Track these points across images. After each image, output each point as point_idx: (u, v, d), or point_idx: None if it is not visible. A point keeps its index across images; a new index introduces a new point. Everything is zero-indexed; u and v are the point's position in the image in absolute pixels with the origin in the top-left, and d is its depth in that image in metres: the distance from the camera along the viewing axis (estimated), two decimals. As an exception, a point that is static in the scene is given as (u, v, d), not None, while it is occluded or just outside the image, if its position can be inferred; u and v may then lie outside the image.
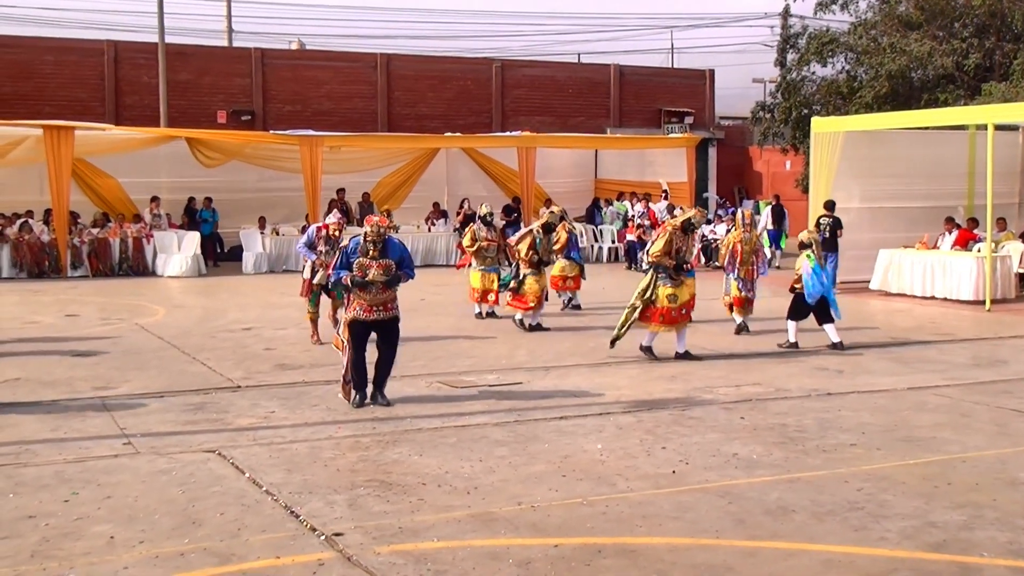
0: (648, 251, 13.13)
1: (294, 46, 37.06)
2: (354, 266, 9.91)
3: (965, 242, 19.81)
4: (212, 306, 18.55)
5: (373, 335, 10.24)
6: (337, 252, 10.44)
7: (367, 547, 6.27)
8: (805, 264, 13.63)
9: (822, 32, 30.76)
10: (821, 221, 19.99)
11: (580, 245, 19.07)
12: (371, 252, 9.89)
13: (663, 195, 28.36)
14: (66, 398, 10.51)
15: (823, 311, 13.69)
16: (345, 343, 10.11)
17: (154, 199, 25.55)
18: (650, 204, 27.72)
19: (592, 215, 29.75)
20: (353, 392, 10.13)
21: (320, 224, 14.06)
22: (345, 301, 10.33)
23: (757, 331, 14.76)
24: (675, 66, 50.92)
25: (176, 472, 7.86)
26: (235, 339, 14.47)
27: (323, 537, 6.45)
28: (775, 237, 27.01)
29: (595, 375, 11.91)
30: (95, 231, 24.14)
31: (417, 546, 6.30)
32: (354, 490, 7.41)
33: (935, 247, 20.14)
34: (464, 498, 7.25)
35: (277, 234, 25.58)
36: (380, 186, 28.88)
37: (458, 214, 27.50)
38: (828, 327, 13.69)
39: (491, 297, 16.18)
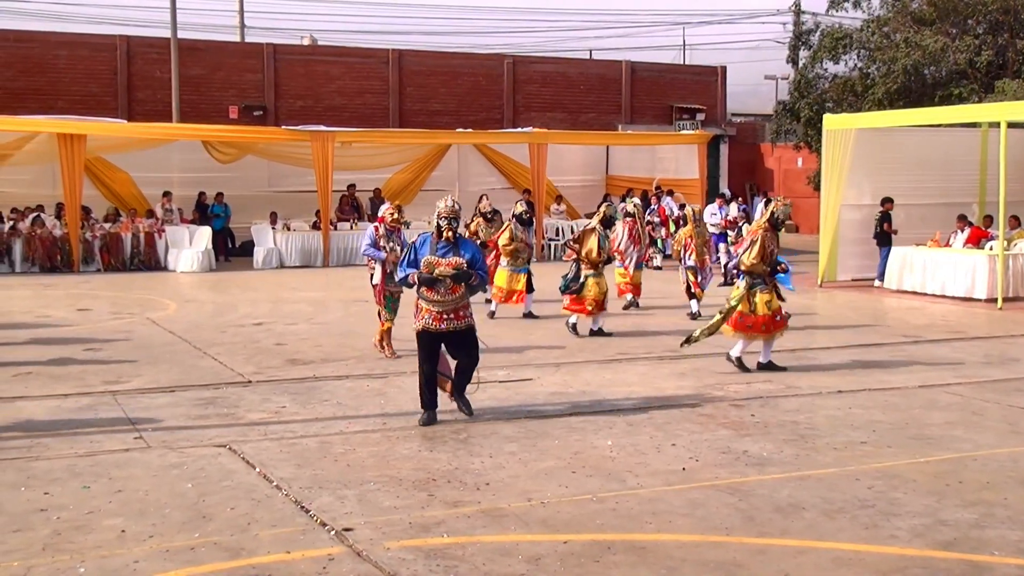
0: (740, 259, 12.00)
1: (306, 42, 37.07)
2: (422, 263, 9.14)
3: (977, 240, 19.74)
4: (223, 301, 18.60)
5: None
6: (406, 249, 9.51)
7: (377, 542, 6.28)
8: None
9: (835, 29, 30.68)
10: (876, 216, 20.73)
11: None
12: (445, 234, 9.13)
13: (656, 190, 28.34)
14: (78, 392, 10.55)
15: None
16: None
17: (166, 194, 25.63)
18: (661, 200, 27.69)
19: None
20: (425, 413, 9.31)
21: (376, 222, 13.07)
22: (415, 309, 9.37)
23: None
24: (687, 63, 50.85)
25: (187, 466, 7.88)
26: (246, 334, 14.50)
27: (333, 532, 6.46)
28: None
29: (605, 371, 11.90)
30: (107, 226, 24.22)
31: (427, 541, 6.31)
32: (364, 485, 7.42)
33: (947, 245, 20.08)
34: (474, 494, 7.26)
35: (288, 229, 25.62)
36: (391, 182, 28.87)
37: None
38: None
39: (514, 298, 15.99)
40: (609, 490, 7.34)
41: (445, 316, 9.19)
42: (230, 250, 26.55)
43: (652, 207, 27.17)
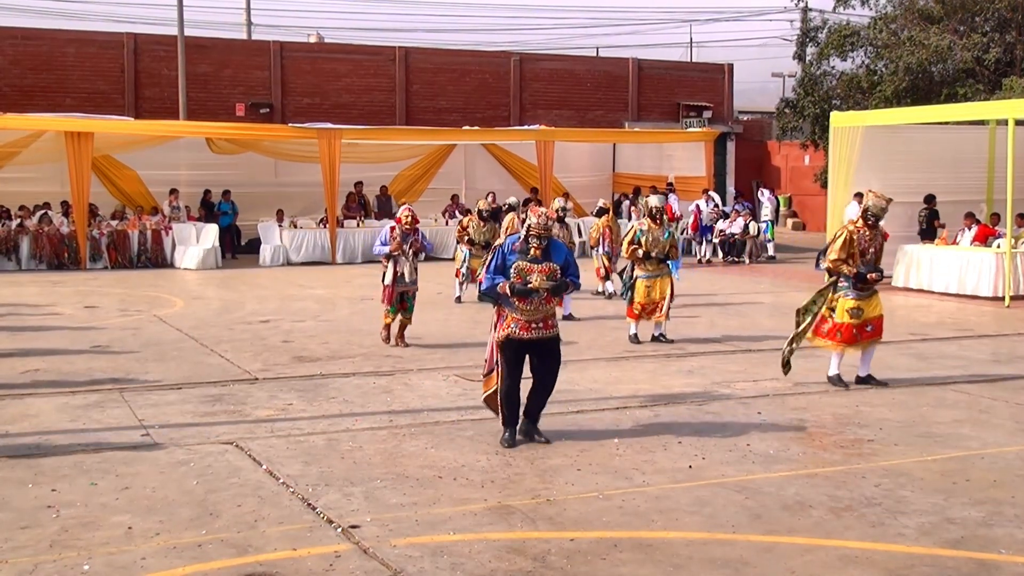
0: (826, 256, 11.04)
1: (312, 39, 37.06)
2: (512, 270, 8.36)
3: (985, 238, 19.71)
4: (230, 298, 18.62)
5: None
6: (491, 252, 8.68)
7: (384, 539, 6.28)
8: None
9: (842, 26, 30.66)
10: (920, 213, 20.95)
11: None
12: (533, 251, 8.39)
13: (668, 188, 28.29)
14: (85, 389, 10.56)
15: None
16: (497, 372, 8.58)
17: (173, 191, 25.67)
18: (668, 198, 27.64)
19: (616, 208, 29.61)
20: (503, 429, 8.55)
21: (391, 224, 13.26)
22: (495, 317, 8.65)
23: (772, 327, 14.73)
24: (695, 60, 50.78)
25: (194, 463, 7.89)
26: (253, 331, 14.51)
27: (340, 529, 6.46)
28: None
29: (613, 369, 11.90)
30: (114, 223, 24.26)
31: (433, 539, 6.31)
32: (371, 483, 7.42)
33: (954, 242, 20.05)
34: (480, 491, 7.26)
35: (295, 227, 25.64)
36: (398, 179, 28.93)
37: None
38: None
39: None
40: (616, 487, 7.34)
41: (534, 325, 8.46)
42: (237, 247, 26.59)
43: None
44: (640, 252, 13.31)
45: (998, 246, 18.94)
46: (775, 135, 36.59)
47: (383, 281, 13.12)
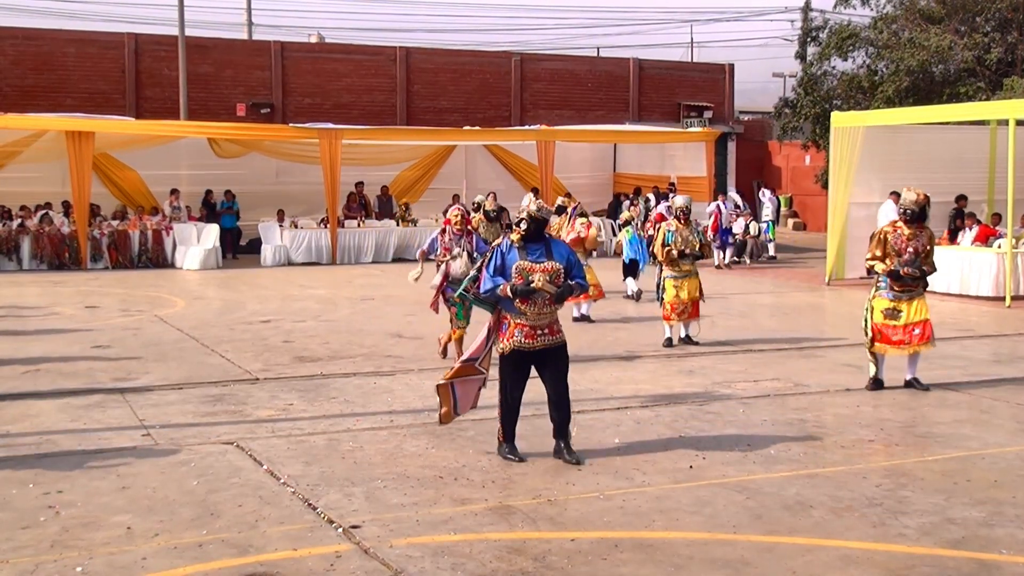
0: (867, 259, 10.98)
1: (313, 39, 37.08)
2: (512, 270, 7.84)
3: (986, 238, 19.70)
4: (231, 298, 18.62)
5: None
6: (488, 252, 8.17)
7: (384, 540, 6.28)
8: (624, 236, 18.26)
9: (843, 26, 30.67)
10: (951, 212, 21.04)
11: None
12: (516, 234, 7.94)
13: (670, 188, 28.25)
14: (86, 389, 10.56)
15: (633, 270, 18.07)
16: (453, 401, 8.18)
17: (174, 191, 25.67)
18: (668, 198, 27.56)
19: (616, 209, 29.62)
20: (503, 444, 8.07)
21: (442, 227, 12.28)
22: (492, 322, 8.14)
23: (773, 327, 14.73)
24: (695, 60, 50.75)
25: (195, 463, 7.89)
26: (254, 331, 14.51)
27: (340, 529, 6.46)
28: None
29: (614, 369, 11.89)
30: (115, 223, 24.27)
31: (434, 539, 6.31)
32: (372, 483, 7.42)
33: (955, 243, 20.04)
34: (481, 491, 7.25)
35: (296, 227, 25.64)
36: (399, 180, 28.92)
37: None
38: (629, 280, 18.01)
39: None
40: (616, 487, 7.34)
41: (539, 332, 7.91)
42: (238, 247, 26.59)
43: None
44: (675, 252, 13.19)
45: (999, 246, 18.93)
46: (776, 135, 36.60)
47: (434, 282, 12.10)
